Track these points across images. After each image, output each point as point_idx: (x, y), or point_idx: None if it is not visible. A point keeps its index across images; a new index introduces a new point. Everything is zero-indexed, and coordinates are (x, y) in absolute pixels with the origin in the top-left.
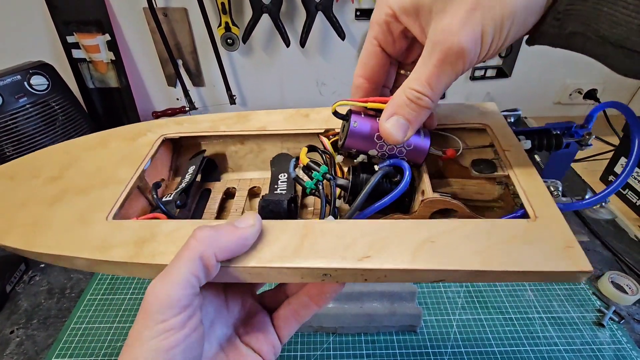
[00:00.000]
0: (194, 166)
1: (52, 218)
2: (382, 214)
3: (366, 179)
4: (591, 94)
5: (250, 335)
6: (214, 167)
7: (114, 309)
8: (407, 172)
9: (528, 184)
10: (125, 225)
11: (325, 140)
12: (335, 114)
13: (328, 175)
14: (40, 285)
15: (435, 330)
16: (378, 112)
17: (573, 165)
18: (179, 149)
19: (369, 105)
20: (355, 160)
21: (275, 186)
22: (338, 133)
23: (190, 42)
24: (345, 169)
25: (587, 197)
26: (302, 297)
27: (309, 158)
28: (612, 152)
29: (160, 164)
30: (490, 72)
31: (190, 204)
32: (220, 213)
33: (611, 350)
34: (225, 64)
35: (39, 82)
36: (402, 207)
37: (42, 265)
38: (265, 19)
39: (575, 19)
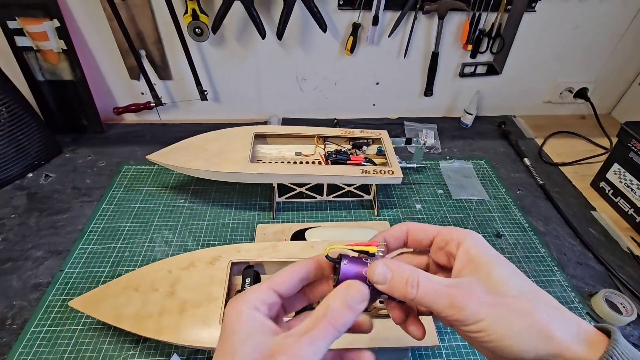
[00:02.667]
0: (249, 278)
1: (186, 323)
2: None
3: None
4: (582, 93)
5: None
6: (257, 274)
7: (62, 343)
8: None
9: None
10: None
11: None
12: (327, 257)
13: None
14: None
15: None
16: (362, 253)
17: (562, 169)
18: (236, 264)
19: (355, 247)
20: None
21: None
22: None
23: (153, 30)
24: None
25: None
26: None
27: None
28: (605, 156)
29: (231, 276)
30: (480, 69)
31: None
32: None
33: None
34: (194, 56)
35: None
36: (365, 310)
37: None
38: (237, 6)
39: None
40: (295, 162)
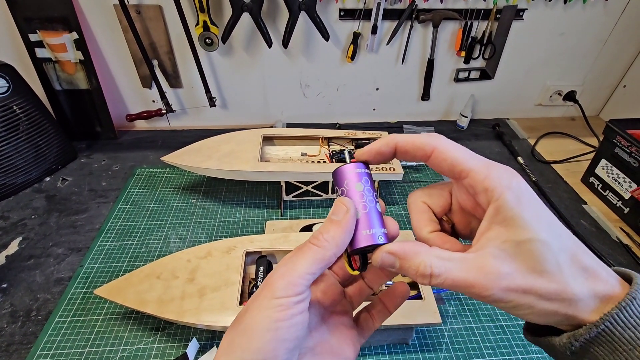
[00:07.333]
0: (262, 267)
1: (206, 306)
2: None
3: None
4: (570, 96)
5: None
6: (269, 263)
7: (86, 332)
8: None
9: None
10: None
11: None
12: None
13: None
14: (2, 307)
15: (427, 342)
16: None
17: (554, 166)
18: (250, 253)
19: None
20: None
21: None
22: None
23: (166, 41)
24: None
25: None
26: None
27: None
28: (593, 154)
29: (245, 265)
30: (474, 74)
31: None
32: None
33: None
34: (204, 65)
35: None
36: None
37: (5, 286)
38: (245, 18)
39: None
40: (302, 162)
